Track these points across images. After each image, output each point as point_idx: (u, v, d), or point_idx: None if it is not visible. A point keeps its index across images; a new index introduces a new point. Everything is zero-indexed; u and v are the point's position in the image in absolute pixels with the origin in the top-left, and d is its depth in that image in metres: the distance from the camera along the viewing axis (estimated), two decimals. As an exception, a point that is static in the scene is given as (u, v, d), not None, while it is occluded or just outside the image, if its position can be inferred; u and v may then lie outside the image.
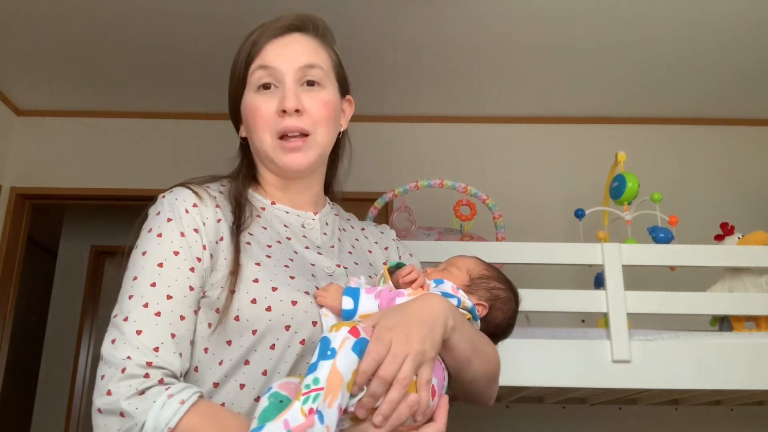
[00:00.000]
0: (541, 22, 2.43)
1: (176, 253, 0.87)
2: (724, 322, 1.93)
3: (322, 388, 0.70)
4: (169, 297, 0.84)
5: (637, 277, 1.90)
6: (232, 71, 1.03)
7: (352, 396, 0.73)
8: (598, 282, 2.04)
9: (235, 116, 1.05)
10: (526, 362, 1.64)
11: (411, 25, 2.46)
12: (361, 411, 0.73)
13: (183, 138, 3.17)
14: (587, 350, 1.68)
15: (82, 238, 4.24)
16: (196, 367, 0.86)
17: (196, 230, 0.90)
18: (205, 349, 0.86)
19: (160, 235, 0.89)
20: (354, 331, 0.76)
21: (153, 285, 0.85)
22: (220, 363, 0.85)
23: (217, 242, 0.91)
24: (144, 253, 0.88)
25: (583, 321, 2.47)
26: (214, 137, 3.16)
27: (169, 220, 0.90)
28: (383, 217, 2.64)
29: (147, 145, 3.16)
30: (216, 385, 0.85)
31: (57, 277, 4.20)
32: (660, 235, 1.97)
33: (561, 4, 2.32)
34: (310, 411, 0.69)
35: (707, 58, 2.64)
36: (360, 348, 0.74)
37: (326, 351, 0.73)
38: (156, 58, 2.70)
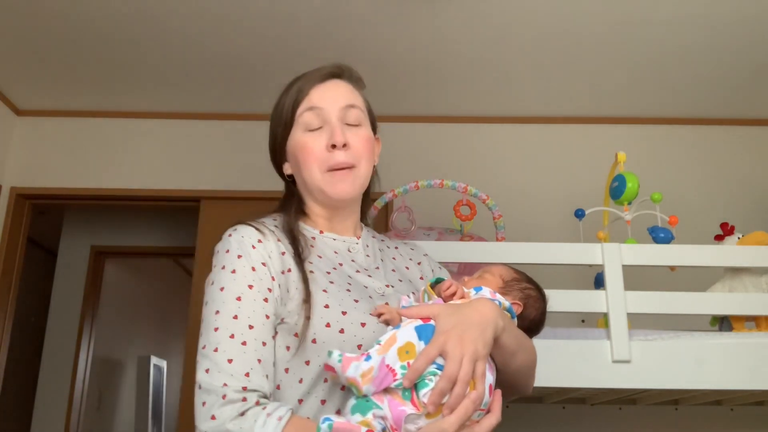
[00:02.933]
0: (541, 23, 2.43)
1: (250, 287, 0.98)
2: (724, 322, 1.93)
3: (380, 345, 0.90)
4: (251, 327, 0.95)
5: (637, 277, 1.90)
6: (278, 115, 1.14)
7: (418, 388, 0.86)
8: (598, 282, 2.04)
9: (279, 156, 1.16)
10: (526, 362, 1.64)
11: (411, 25, 2.46)
12: (432, 407, 0.85)
13: (183, 138, 3.17)
14: (587, 350, 1.68)
15: (82, 238, 4.24)
16: (279, 386, 0.97)
17: (264, 264, 1.01)
18: (286, 370, 0.97)
19: (234, 272, 0.99)
20: (424, 319, 0.93)
21: (235, 317, 0.96)
22: (300, 381, 0.96)
23: (283, 273, 1.02)
24: (222, 289, 0.98)
25: (583, 321, 2.47)
26: (214, 137, 3.17)
27: (239, 257, 1.01)
28: (383, 216, 2.64)
29: (147, 145, 3.16)
30: (300, 401, 0.96)
31: (57, 277, 4.20)
32: (660, 235, 1.97)
33: (561, 4, 2.32)
34: (363, 353, 0.89)
35: (707, 58, 2.64)
36: (420, 330, 0.91)
37: (398, 326, 0.94)
38: (156, 58, 2.71)
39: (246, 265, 1.00)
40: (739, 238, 1.94)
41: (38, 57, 2.71)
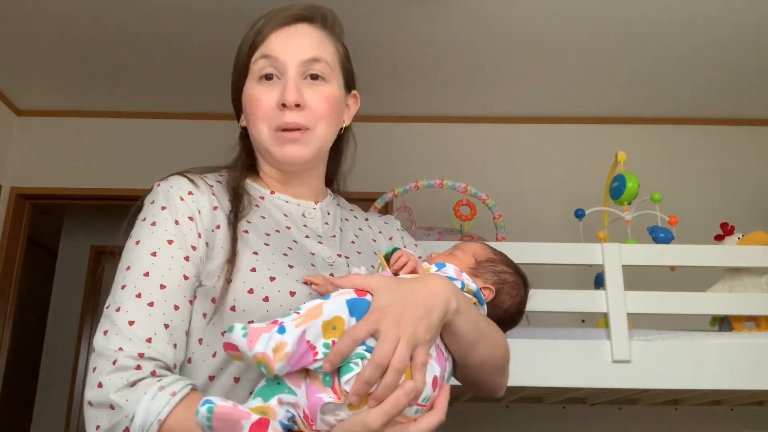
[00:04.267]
0: (541, 22, 2.43)
1: (170, 242, 0.85)
2: (724, 322, 1.93)
3: (298, 313, 0.73)
4: (162, 287, 0.82)
5: (637, 277, 1.90)
6: (236, 58, 1.00)
7: (340, 373, 0.71)
8: (598, 282, 2.04)
9: (237, 105, 1.03)
10: (526, 362, 1.64)
11: (410, 25, 2.46)
12: (355, 398, 0.70)
13: (183, 138, 3.17)
14: (587, 350, 1.68)
15: (82, 238, 4.25)
16: (190, 359, 0.85)
17: (191, 218, 0.88)
18: (200, 340, 0.84)
19: (154, 224, 0.87)
20: (360, 292, 0.77)
21: (146, 275, 0.83)
22: (214, 355, 0.83)
23: (213, 230, 0.89)
24: (138, 243, 0.86)
25: (583, 321, 2.47)
26: (214, 137, 3.16)
27: (163, 208, 0.88)
28: (383, 217, 2.64)
29: (147, 145, 3.16)
30: (211, 378, 0.83)
31: (57, 277, 4.20)
32: (660, 235, 1.97)
33: (561, 3, 2.32)
34: (275, 322, 0.71)
35: (707, 57, 2.64)
36: (353, 304, 0.75)
37: (327, 296, 0.77)
38: (156, 58, 2.70)
39: (168, 218, 0.87)
40: (739, 238, 1.94)
41: (38, 57, 2.71)
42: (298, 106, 0.93)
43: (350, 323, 0.74)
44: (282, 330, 0.70)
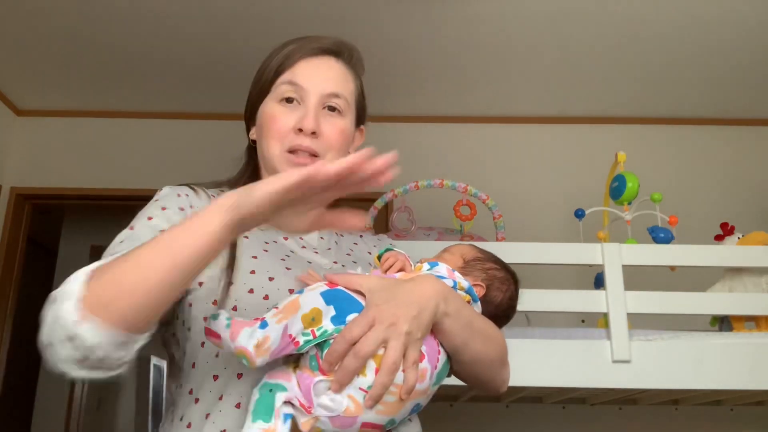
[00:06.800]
0: (541, 22, 2.43)
1: (150, 219, 0.90)
2: (724, 322, 1.93)
3: (277, 308, 0.77)
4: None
5: (637, 277, 1.90)
6: (258, 75, 1.05)
7: (322, 352, 0.75)
8: (598, 282, 2.04)
9: (250, 117, 1.08)
10: (526, 362, 1.64)
11: (411, 25, 2.46)
12: (336, 386, 0.74)
13: (183, 138, 3.17)
14: (587, 350, 1.68)
15: (82, 238, 4.24)
16: (194, 363, 0.87)
17: (181, 209, 0.92)
18: (202, 344, 0.87)
19: (150, 218, 0.91)
20: (331, 284, 0.80)
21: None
22: (217, 355, 0.85)
23: None
24: (131, 228, 0.90)
25: (583, 321, 2.47)
26: (214, 137, 3.17)
27: (156, 200, 0.94)
28: (383, 217, 2.64)
29: (147, 145, 3.16)
30: (216, 378, 0.85)
31: (57, 277, 4.20)
32: (660, 235, 1.97)
33: (560, 4, 2.32)
34: (257, 318, 0.76)
35: (707, 57, 2.64)
36: (327, 296, 0.78)
37: (301, 290, 0.80)
38: (156, 58, 2.71)
39: (157, 206, 0.92)
40: (739, 238, 1.94)
41: (38, 57, 2.71)
42: (313, 133, 0.97)
43: (327, 311, 0.76)
44: (264, 325, 0.74)
